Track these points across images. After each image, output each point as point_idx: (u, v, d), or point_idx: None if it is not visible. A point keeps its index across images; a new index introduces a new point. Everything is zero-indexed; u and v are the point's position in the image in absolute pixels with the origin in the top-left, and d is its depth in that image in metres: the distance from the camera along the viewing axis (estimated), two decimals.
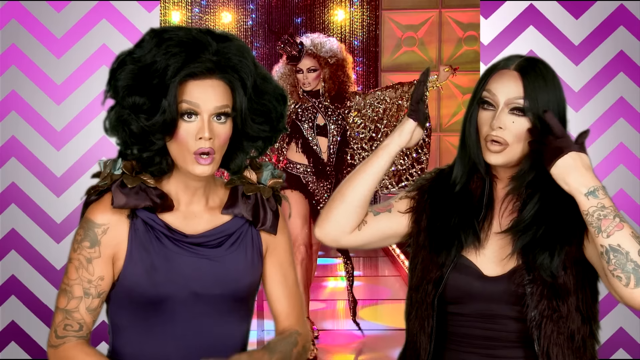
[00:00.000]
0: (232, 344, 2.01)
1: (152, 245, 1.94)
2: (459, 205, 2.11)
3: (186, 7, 10.15)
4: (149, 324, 1.94)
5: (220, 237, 1.99)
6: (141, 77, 1.87)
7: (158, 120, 1.87)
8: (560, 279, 2.01)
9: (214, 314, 1.97)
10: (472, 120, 2.09)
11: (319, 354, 5.21)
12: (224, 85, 1.91)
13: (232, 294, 1.99)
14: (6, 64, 4.07)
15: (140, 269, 1.92)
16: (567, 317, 2.03)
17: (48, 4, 4.07)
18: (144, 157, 1.93)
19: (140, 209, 1.94)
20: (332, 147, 5.30)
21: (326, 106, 5.31)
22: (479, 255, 2.07)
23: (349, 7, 10.17)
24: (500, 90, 2.05)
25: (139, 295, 1.93)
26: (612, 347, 4.09)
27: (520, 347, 2.05)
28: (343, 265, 5.64)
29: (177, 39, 1.88)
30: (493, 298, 2.04)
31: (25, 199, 4.07)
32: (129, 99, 1.88)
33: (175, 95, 1.86)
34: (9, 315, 4.09)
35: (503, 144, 2.04)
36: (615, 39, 4.04)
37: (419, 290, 2.11)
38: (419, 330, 2.11)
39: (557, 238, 2.03)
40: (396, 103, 5.37)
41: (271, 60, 9.49)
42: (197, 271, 1.95)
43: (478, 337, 2.07)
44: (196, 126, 1.89)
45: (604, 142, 4.07)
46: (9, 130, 4.05)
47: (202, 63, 1.88)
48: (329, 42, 5.31)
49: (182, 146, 1.90)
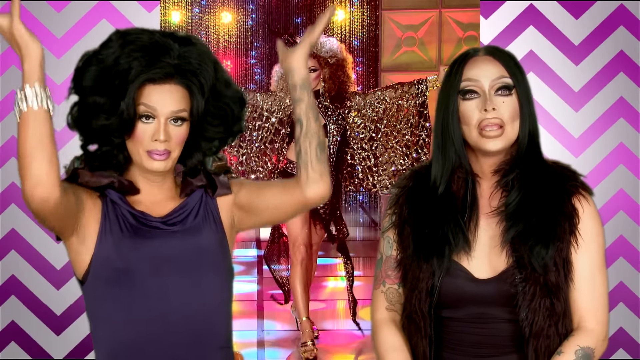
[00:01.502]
0: (211, 309, 2.04)
1: (119, 222, 2.01)
2: (443, 209, 2.08)
3: (186, 7, 10.15)
4: (125, 304, 1.99)
5: (182, 212, 2.07)
6: (103, 78, 1.97)
7: (115, 121, 1.97)
8: (552, 276, 2.01)
9: (188, 280, 2.01)
10: (453, 118, 2.06)
11: (319, 354, 5.21)
12: (182, 90, 2.01)
13: (203, 260, 2.04)
14: (6, 64, 4.07)
15: (110, 245, 1.99)
16: (560, 314, 2.03)
17: (48, 4, 4.07)
18: (103, 151, 2.02)
19: (110, 191, 2.03)
20: (332, 147, 5.30)
21: (326, 106, 5.30)
22: (470, 258, 2.05)
23: (349, 7, 10.17)
24: (482, 75, 2.04)
25: (111, 271, 1.98)
26: (612, 347, 4.09)
27: (514, 352, 2.04)
28: (343, 265, 5.64)
29: (140, 43, 1.97)
30: (485, 300, 2.03)
31: None
32: (90, 98, 1.98)
33: (133, 98, 1.96)
34: (9, 315, 4.09)
35: (499, 127, 2.03)
36: (615, 39, 4.04)
37: (411, 300, 2.09)
38: (416, 337, 2.09)
39: (548, 231, 2.03)
40: (396, 103, 5.37)
41: (271, 60, 9.49)
42: (167, 243, 2.02)
43: (472, 342, 2.05)
44: (152, 128, 1.99)
45: (604, 142, 4.07)
46: (9, 130, 4.05)
47: (162, 68, 1.97)
48: (329, 42, 5.31)
49: (138, 145, 2.00)
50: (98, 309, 2.02)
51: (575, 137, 4.07)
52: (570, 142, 4.06)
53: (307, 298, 5.32)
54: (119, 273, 1.98)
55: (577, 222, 2.05)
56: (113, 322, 2.00)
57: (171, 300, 2.00)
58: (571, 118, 4.06)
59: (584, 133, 4.07)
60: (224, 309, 2.08)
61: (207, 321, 2.03)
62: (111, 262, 1.98)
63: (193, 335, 2.01)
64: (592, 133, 4.05)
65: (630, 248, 4.05)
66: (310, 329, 5.27)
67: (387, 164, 5.40)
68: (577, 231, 2.05)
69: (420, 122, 5.33)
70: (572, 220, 2.05)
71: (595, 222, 2.08)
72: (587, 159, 4.04)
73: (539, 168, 2.08)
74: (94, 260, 1.99)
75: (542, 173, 2.08)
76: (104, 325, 2.01)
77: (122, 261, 1.99)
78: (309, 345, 5.19)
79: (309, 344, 5.19)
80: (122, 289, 1.99)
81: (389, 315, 2.14)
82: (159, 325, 1.99)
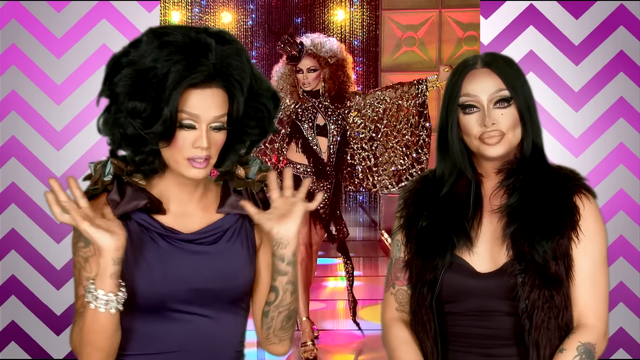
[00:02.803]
0: (230, 345, 2.01)
1: (147, 246, 1.94)
2: (447, 207, 2.14)
3: (186, 7, 10.15)
4: (150, 326, 1.94)
5: (216, 233, 1.99)
6: (140, 82, 1.85)
7: (157, 129, 1.86)
8: (551, 268, 2.04)
9: (213, 313, 1.97)
10: (453, 128, 2.11)
11: (319, 354, 5.22)
12: (223, 93, 1.90)
13: (231, 289, 1.98)
14: (6, 64, 4.07)
15: (137, 270, 1.92)
16: (560, 306, 2.05)
17: (48, 4, 4.07)
18: (136, 159, 1.93)
19: (134, 211, 1.94)
20: (332, 147, 5.30)
21: (326, 106, 5.30)
22: (472, 254, 2.10)
23: (349, 7, 10.18)
24: (480, 90, 2.09)
25: (138, 297, 1.92)
26: (612, 347, 4.09)
27: (514, 346, 2.07)
28: (343, 265, 5.64)
29: (178, 44, 1.86)
30: (487, 294, 2.07)
31: (25, 199, 4.07)
32: (129, 104, 1.86)
33: (176, 105, 1.85)
34: (9, 315, 4.09)
35: (499, 137, 2.07)
36: (615, 39, 4.04)
37: (414, 295, 2.14)
38: (422, 335, 2.14)
39: (548, 225, 2.06)
40: (396, 103, 5.37)
41: (271, 60, 9.49)
42: (194, 268, 1.95)
43: (475, 335, 2.09)
44: (194, 135, 1.88)
45: (604, 142, 4.07)
46: (9, 130, 4.05)
47: (202, 72, 1.86)
48: (329, 42, 5.31)
49: (177, 152, 1.90)
50: (122, 321, 1.93)
51: (575, 137, 4.07)
52: (570, 142, 4.06)
53: (307, 298, 5.32)
54: (145, 300, 1.92)
55: (577, 218, 2.09)
56: (131, 333, 1.95)
57: (194, 331, 1.96)
58: (571, 118, 4.07)
59: (584, 133, 4.07)
60: (241, 329, 2.04)
61: (223, 340, 1.99)
62: (138, 289, 1.91)
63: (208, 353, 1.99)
64: (592, 133, 4.05)
65: (630, 248, 4.05)
66: (310, 329, 5.27)
67: (387, 164, 5.40)
68: (577, 227, 2.08)
69: (420, 122, 5.33)
70: (572, 216, 2.09)
71: (596, 220, 2.11)
72: (587, 159, 4.04)
73: (543, 171, 2.12)
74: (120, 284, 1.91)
75: (545, 176, 2.11)
76: (123, 335, 1.93)
77: (150, 290, 1.92)
78: (309, 345, 5.19)
79: (309, 344, 5.20)
80: (146, 314, 1.93)
81: (399, 315, 2.20)
82: (175, 345, 1.95)
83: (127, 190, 1.94)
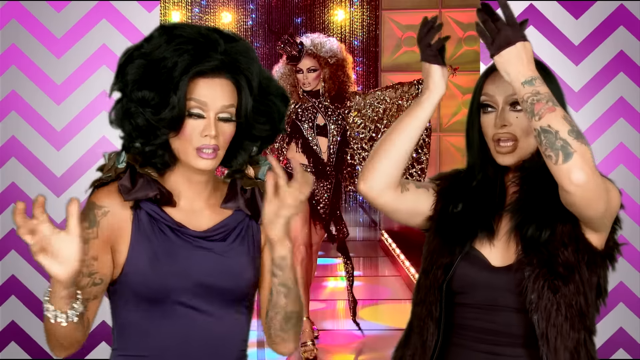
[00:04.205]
0: (232, 344, 2.01)
1: (156, 236, 1.95)
2: (477, 197, 2.16)
3: (186, 7, 10.16)
4: (153, 319, 1.95)
5: (224, 231, 2.01)
6: (150, 71, 1.90)
7: (166, 116, 1.90)
8: (561, 256, 2.04)
9: (217, 311, 1.97)
10: (474, 127, 2.16)
11: (319, 354, 5.22)
12: (231, 85, 1.94)
13: (235, 287, 1.99)
14: (6, 64, 4.07)
15: (144, 259, 1.93)
16: (571, 295, 2.04)
17: (48, 4, 4.07)
18: (147, 151, 1.95)
19: (145, 201, 1.96)
20: (332, 147, 5.30)
21: (326, 106, 5.31)
22: (491, 248, 2.11)
23: (349, 7, 10.19)
24: (497, 90, 2.11)
25: (143, 287, 1.93)
26: (612, 347, 4.09)
27: (521, 346, 2.06)
28: (343, 265, 5.64)
29: (187, 35, 1.91)
30: (497, 287, 2.07)
31: (26, 199, 4.07)
32: (138, 93, 1.90)
33: (185, 93, 1.89)
34: (9, 315, 4.09)
35: (512, 141, 2.09)
36: (615, 39, 4.04)
37: (428, 274, 2.15)
38: (426, 315, 2.14)
39: (548, 214, 2.07)
40: (396, 103, 5.37)
41: (271, 60, 9.49)
42: (202, 264, 1.96)
43: (482, 330, 2.09)
44: (202, 123, 1.92)
45: (604, 142, 4.07)
46: (9, 130, 4.06)
47: (211, 62, 1.90)
48: (329, 42, 5.31)
49: (186, 142, 1.93)
50: (124, 313, 1.98)
51: None
52: None
53: (307, 298, 5.32)
54: (151, 290, 1.93)
55: None
56: (136, 329, 1.96)
57: (197, 328, 1.96)
58: None
59: (584, 133, 4.06)
60: (244, 329, 2.05)
61: (226, 339, 2.00)
62: (145, 278, 1.93)
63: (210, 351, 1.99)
64: (593, 133, 4.05)
65: (630, 248, 4.05)
66: (310, 329, 5.27)
67: None
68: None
69: None
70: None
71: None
72: None
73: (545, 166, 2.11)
74: (127, 273, 1.94)
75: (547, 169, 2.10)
76: (128, 331, 1.98)
77: (156, 280, 1.93)
78: (309, 345, 5.19)
79: (309, 344, 5.20)
80: (150, 305, 1.94)
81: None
82: (179, 342, 1.96)
83: (139, 180, 1.97)
